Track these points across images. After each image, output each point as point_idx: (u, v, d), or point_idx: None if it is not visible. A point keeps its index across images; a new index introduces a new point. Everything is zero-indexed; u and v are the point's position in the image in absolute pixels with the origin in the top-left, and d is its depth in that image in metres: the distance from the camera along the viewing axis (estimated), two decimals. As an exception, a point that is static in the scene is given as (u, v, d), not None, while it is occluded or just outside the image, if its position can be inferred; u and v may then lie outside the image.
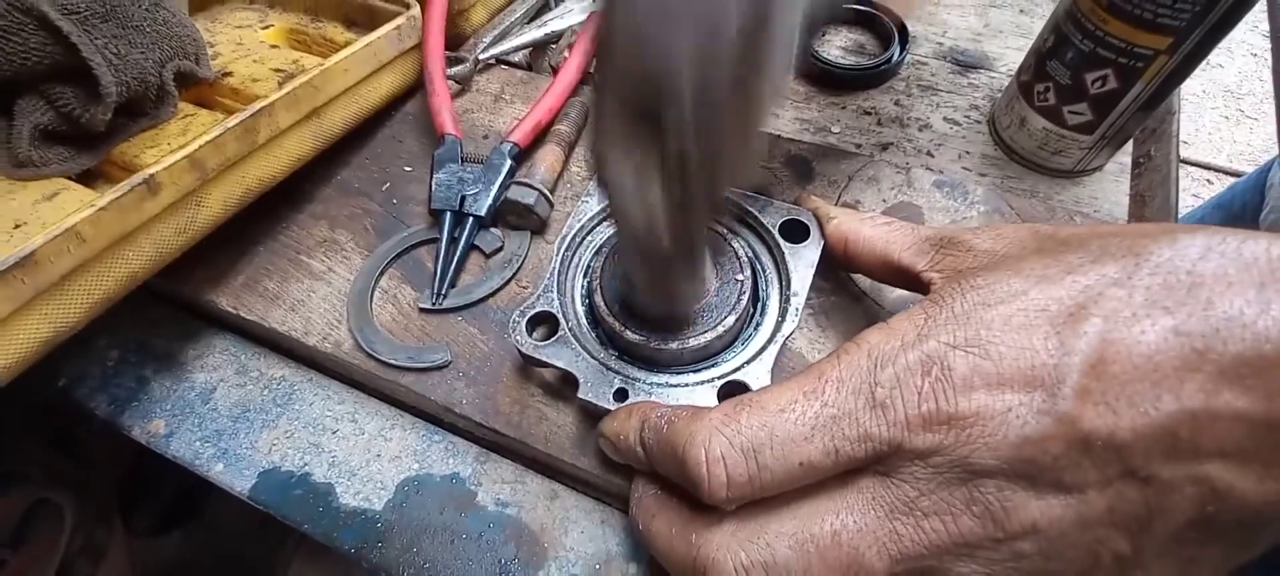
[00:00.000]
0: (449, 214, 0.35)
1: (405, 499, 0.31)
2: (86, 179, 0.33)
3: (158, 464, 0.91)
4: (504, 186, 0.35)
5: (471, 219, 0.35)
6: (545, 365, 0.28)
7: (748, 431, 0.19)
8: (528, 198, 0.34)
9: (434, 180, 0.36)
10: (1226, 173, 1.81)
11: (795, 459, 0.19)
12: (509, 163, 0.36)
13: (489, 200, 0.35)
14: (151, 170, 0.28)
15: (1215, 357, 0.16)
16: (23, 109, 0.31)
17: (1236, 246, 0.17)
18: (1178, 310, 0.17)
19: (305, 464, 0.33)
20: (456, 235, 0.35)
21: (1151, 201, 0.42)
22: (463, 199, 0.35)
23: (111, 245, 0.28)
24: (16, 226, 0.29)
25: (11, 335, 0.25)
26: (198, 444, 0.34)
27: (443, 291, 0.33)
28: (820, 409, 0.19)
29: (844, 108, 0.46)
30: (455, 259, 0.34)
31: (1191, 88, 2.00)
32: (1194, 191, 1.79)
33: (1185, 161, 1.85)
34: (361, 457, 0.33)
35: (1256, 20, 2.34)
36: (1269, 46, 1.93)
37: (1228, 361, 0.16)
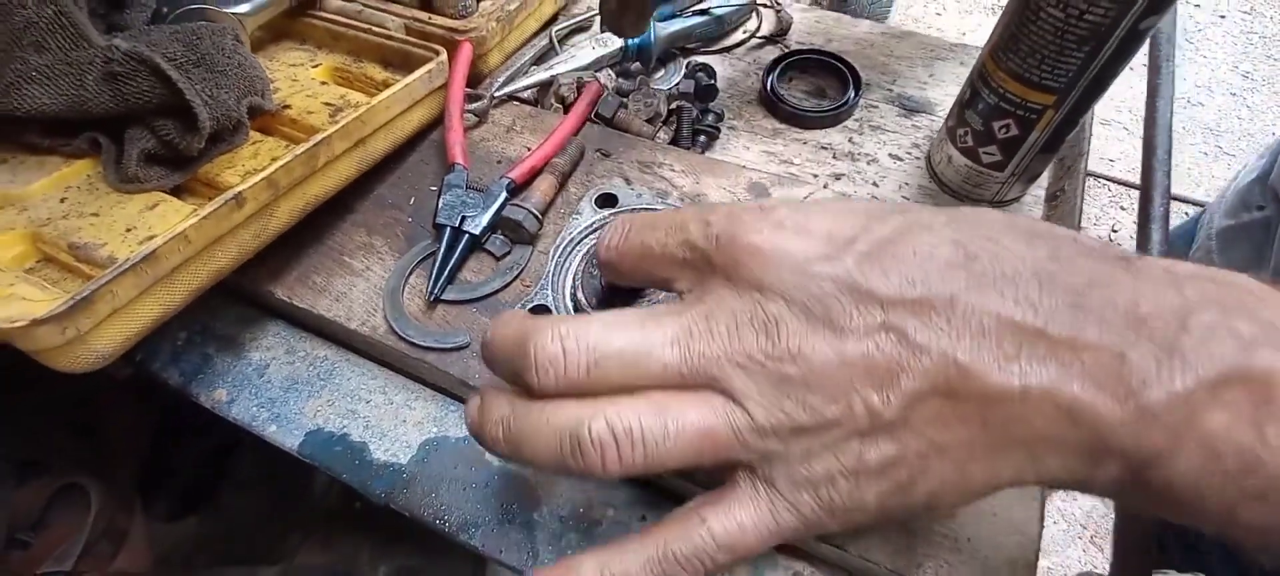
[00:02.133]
0: (449, 229, 0.42)
1: (426, 455, 0.39)
2: (177, 193, 0.41)
3: (174, 453, 0.96)
4: (498, 212, 0.43)
5: (467, 235, 0.42)
6: (542, 346, 0.35)
7: (626, 221, 0.25)
8: (517, 215, 0.42)
9: (441, 200, 0.43)
10: (1204, 206, 1.89)
11: (641, 238, 0.24)
12: (504, 194, 0.43)
13: (484, 222, 0.42)
14: (239, 188, 0.36)
15: (980, 266, 0.19)
16: (131, 137, 0.39)
17: (1019, 218, 0.21)
18: (962, 231, 0.20)
19: (344, 426, 0.40)
20: (453, 244, 0.42)
21: (1062, 226, 0.49)
22: (463, 218, 0.43)
23: (207, 246, 0.35)
24: (128, 229, 0.37)
25: (135, 313, 0.33)
26: (254, 409, 0.41)
27: (435, 289, 0.40)
28: (671, 215, 0.24)
29: (805, 143, 0.54)
30: (451, 264, 0.41)
31: (1172, 124, 2.08)
32: (1172, 223, 1.86)
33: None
34: (390, 422, 0.40)
35: (1236, 60, 2.39)
36: (1246, 85, 2.03)
37: (991, 273, 0.19)
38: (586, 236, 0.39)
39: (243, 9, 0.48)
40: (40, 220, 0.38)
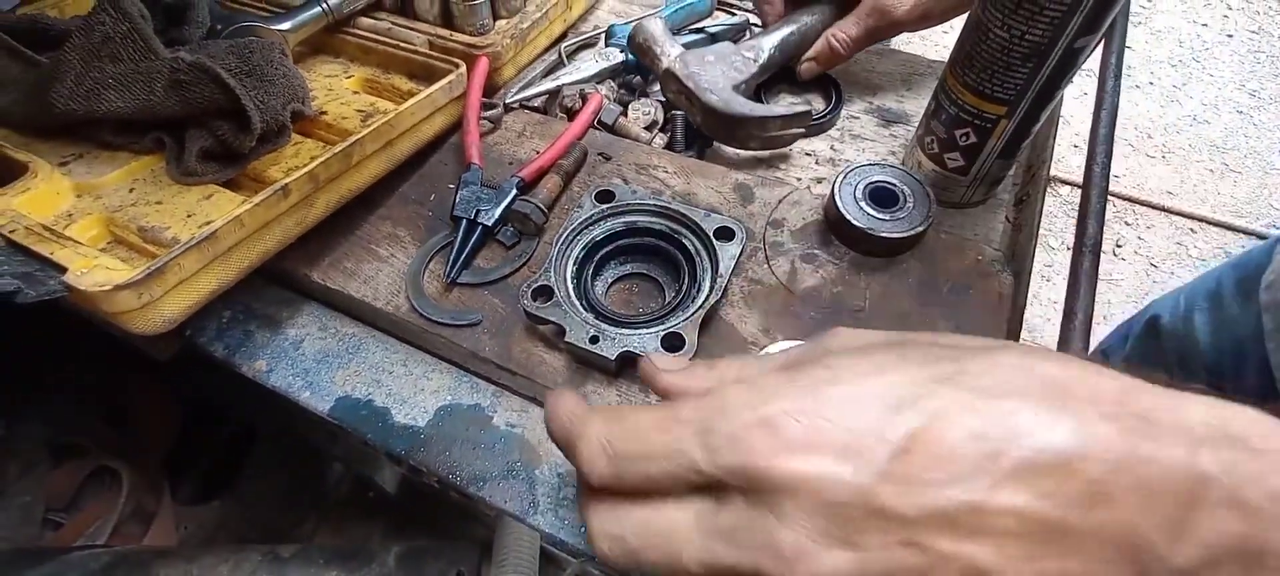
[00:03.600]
0: (465, 221, 0.48)
1: (441, 420, 0.43)
2: (229, 186, 0.46)
3: (199, 442, 1.01)
4: (509, 206, 0.48)
5: (481, 226, 0.47)
6: (544, 321, 0.40)
7: (612, 440, 0.24)
8: (525, 209, 0.47)
9: (458, 195, 0.49)
10: (1210, 222, 1.90)
11: (640, 471, 0.24)
12: (514, 191, 0.49)
13: (495, 215, 0.48)
14: (285, 181, 0.41)
15: (1004, 460, 0.19)
16: (192, 136, 0.45)
17: (1039, 365, 0.21)
18: (983, 415, 0.20)
19: (369, 393, 0.45)
20: (469, 235, 0.47)
21: (1025, 228, 0.53)
22: (477, 211, 0.48)
23: (258, 229, 0.41)
24: (188, 215, 0.43)
25: (197, 285, 0.38)
26: (291, 377, 0.46)
27: (452, 273, 0.45)
28: (664, 441, 0.23)
29: (790, 150, 0.58)
30: (466, 251, 0.46)
31: (1179, 142, 2.10)
32: (1177, 239, 1.88)
33: (1174, 212, 1.94)
34: (410, 390, 0.45)
35: (1243, 79, 2.40)
36: (1252, 103, 2.05)
37: (1010, 465, 0.19)
38: (586, 227, 0.44)
39: (285, 27, 0.54)
40: (113, 206, 0.44)
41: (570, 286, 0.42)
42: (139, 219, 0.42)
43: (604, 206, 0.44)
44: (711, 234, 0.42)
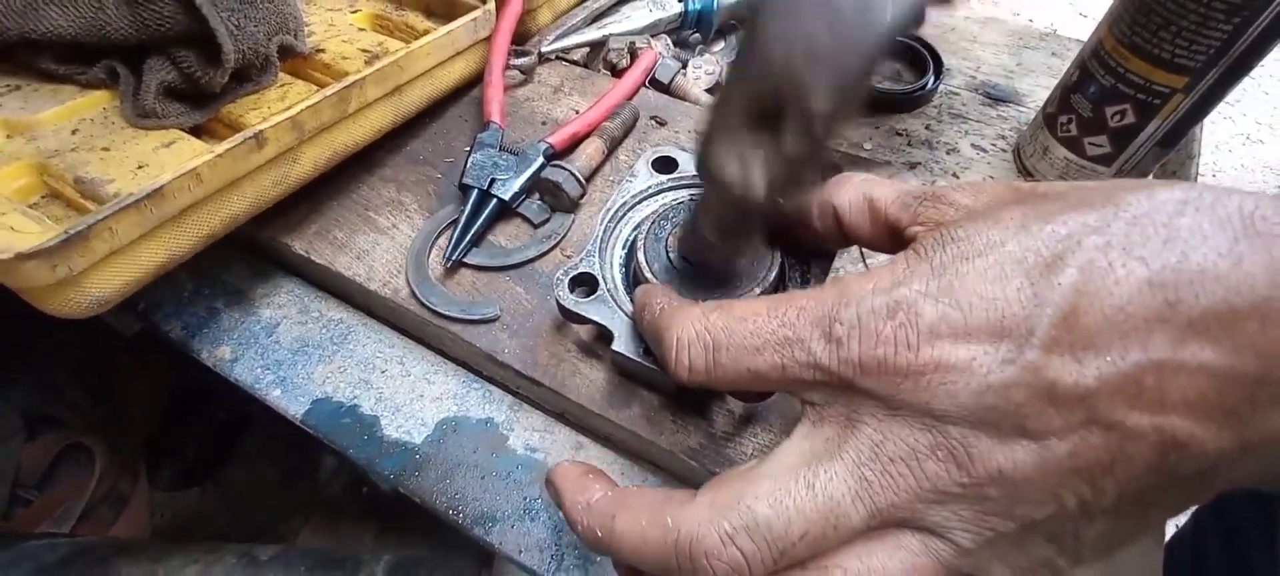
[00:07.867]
0: (476, 191, 0.38)
1: (443, 436, 0.35)
2: (196, 133, 0.37)
3: (184, 423, 0.93)
4: (532, 177, 0.39)
5: (495, 199, 0.38)
6: (583, 320, 0.31)
7: (713, 330, 0.22)
8: (558, 176, 0.38)
9: (470, 159, 0.39)
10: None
11: (744, 365, 0.21)
12: (540, 159, 0.39)
13: (515, 187, 0.38)
14: (259, 127, 0.32)
15: (1185, 310, 0.16)
16: (151, 67, 0.36)
17: (1211, 201, 0.17)
18: (1152, 261, 0.17)
19: (355, 397, 0.36)
20: (479, 208, 0.38)
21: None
22: (492, 181, 0.39)
23: (222, 188, 0.32)
24: (139, 167, 0.34)
25: (137, 257, 0.29)
26: (259, 370, 0.38)
27: (454, 253, 0.36)
28: (777, 327, 0.21)
29: (877, 127, 0.49)
30: (474, 228, 0.37)
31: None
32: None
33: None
34: (406, 396, 0.36)
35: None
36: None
37: (1197, 314, 0.16)
38: (639, 202, 0.35)
39: (280, -53, 0.45)
40: (48, 151, 0.35)
41: (618, 277, 0.33)
42: (77, 167, 0.34)
43: (664, 178, 0.35)
44: (801, 220, 0.33)
